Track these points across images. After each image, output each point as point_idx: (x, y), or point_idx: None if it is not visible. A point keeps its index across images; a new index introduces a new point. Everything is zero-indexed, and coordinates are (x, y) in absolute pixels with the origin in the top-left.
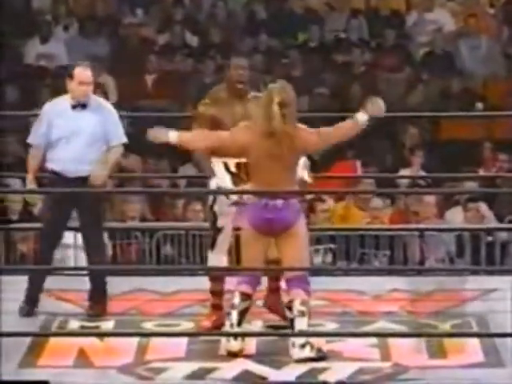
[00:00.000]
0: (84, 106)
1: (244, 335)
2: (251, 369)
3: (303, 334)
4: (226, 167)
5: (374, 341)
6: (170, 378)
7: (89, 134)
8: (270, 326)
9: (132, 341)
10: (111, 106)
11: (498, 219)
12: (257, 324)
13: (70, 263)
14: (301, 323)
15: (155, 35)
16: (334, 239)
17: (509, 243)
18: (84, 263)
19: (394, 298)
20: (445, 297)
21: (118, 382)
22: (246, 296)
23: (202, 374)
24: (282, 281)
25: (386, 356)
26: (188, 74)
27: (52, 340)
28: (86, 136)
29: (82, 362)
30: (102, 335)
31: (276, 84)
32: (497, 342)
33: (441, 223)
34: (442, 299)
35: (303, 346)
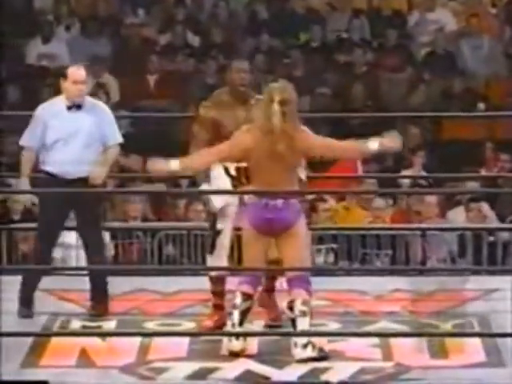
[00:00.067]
0: (79, 107)
1: (246, 335)
2: (253, 369)
3: (305, 333)
4: (226, 171)
5: (376, 341)
6: (172, 377)
7: (86, 134)
8: (268, 325)
9: (134, 341)
10: (106, 107)
11: (500, 219)
12: (258, 324)
13: (71, 263)
14: (303, 323)
15: (157, 35)
16: (336, 239)
17: (510, 243)
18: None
19: (396, 298)
20: (446, 297)
21: (120, 381)
22: (247, 296)
23: (203, 374)
24: (280, 281)
25: (387, 356)
26: (190, 74)
27: (54, 340)
28: (84, 137)
29: (84, 361)
30: (103, 335)
31: (277, 83)
32: (498, 342)
33: (443, 223)
34: (444, 299)
35: (305, 345)
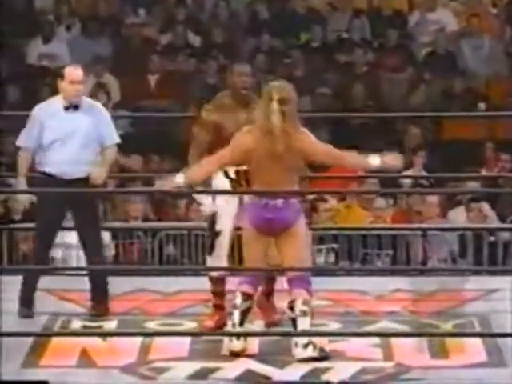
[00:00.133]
0: (76, 108)
1: (246, 335)
2: (254, 368)
3: (306, 333)
4: (226, 173)
5: (377, 341)
6: (173, 377)
7: (83, 135)
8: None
9: (135, 340)
10: (103, 107)
11: (501, 219)
12: (259, 324)
13: (72, 263)
14: (303, 323)
15: (157, 35)
16: (337, 239)
17: (511, 243)
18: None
19: (397, 298)
20: (447, 297)
21: (121, 381)
22: (247, 296)
23: (204, 374)
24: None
25: (388, 356)
26: (190, 74)
27: (54, 340)
28: (81, 137)
29: (85, 361)
30: (104, 335)
31: (276, 82)
32: (499, 342)
33: (443, 223)
34: (445, 299)
35: (306, 345)
